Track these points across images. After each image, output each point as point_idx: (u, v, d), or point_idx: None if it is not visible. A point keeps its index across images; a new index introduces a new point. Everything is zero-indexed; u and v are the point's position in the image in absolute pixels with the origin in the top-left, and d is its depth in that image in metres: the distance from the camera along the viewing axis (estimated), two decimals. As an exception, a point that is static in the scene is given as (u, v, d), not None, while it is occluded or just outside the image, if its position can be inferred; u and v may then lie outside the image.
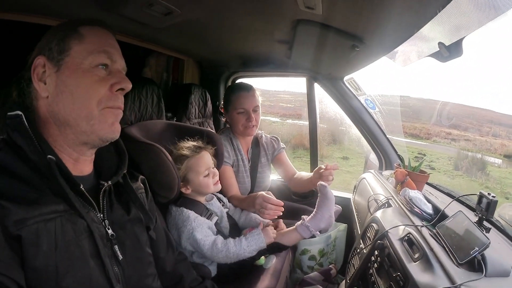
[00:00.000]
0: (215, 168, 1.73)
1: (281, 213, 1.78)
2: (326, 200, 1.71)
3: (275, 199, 1.75)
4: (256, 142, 2.39)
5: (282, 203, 1.75)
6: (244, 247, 1.58)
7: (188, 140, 1.74)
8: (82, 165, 0.97)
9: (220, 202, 1.88)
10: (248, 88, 2.19)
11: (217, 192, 1.89)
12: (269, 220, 1.88)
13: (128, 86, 0.97)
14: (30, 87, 0.92)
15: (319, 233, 1.68)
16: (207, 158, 1.69)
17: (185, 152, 1.65)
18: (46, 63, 0.91)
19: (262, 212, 1.76)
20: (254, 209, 1.83)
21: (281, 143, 2.50)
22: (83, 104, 0.89)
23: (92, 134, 0.91)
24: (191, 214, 1.59)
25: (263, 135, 2.45)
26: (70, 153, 0.93)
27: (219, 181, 1.73)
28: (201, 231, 1.56)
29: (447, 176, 8.89)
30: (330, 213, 1.67)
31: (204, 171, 1.65)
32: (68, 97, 0.89)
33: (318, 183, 1.73)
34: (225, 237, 1.68)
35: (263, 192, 1.79)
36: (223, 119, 2.46)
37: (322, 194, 1.73)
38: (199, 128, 1.91)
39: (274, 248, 1.79)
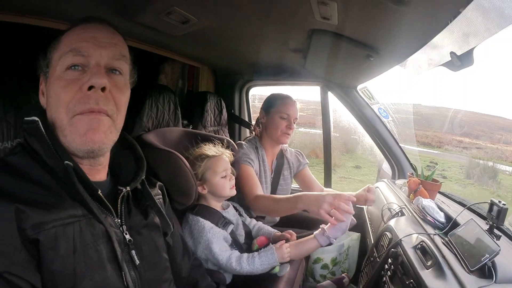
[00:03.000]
0: (232, 174, 1.76)
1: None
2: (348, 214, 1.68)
3: (345, 195, 1.58)
4: (281, 154, 2.40)
5: (355, 199, 1.59)
6: (257, 265, 1.58)
7: (208, 143, 1.78)
8: (92, 172, 0.94)
9: (237, 211, 1.90)
10: (293, 100, 2.23)
11: (236, 202, 1.95)
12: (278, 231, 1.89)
13: (96, 82, 0.85)
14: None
15: (334, 240, 1.69)
16: (226, 160, 1.72)
17: (206, 151, 1.69)
18: (43, 79, 0.93)
19: (333, 214, 1.53)
20: (307, 209, 1.66)
21: (306, 159, 2.52)
22: (55, 114, 0.87)
23: (69, 146, 0.86)
24: (207, 224, 1.60)
25: (288, 149, 2.46)
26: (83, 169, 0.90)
27: (234, 187, 1.75)
28: (217, 243, 1.57)
29: (459, 185, 8.79)
30: (347, 223, 1.66)
31: (222, 172, 1.68)
32: (48, 108, 0.89)
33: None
34: (239, 245, 1.71)
35: (329, 192, 1.67)
36: (254, 128, 2.46)
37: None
38: (216, 136, 1.93)
39: None
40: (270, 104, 2.24)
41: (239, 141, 2.25)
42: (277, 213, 1.88)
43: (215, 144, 1.78)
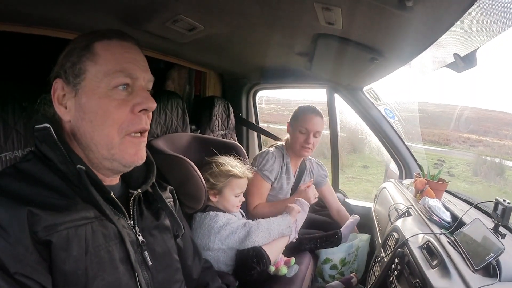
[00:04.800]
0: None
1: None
2: (304, 214, 2.00)
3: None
4: (303, 162, 2.44)
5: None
6: (273, 219, 1.75)
7: (236, 158, 1.84)
8: (107, 177, 0.98)
9: (243, 217, 1.93)
10: (316, 112, 2.24)
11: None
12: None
13: (152, 106, 0.92)
14: (52, 109, 0.91)
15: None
16: (245, 183, 1.79)
17: (234, 170, 1.73)
18: (64, 86, 0.89)
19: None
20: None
21: (326, 169, 2.57)
22: (103, 132, 0.87)
23: (114, 161, 0.90)
24: (220, 212, 1.68)
25: (309, 157, 2.49)
26: (96, 173, 0.92)
27: (240, 206, 1.82)
28: (236, 219, 1.69)
29: (466, 183, 8.65)
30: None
31: (239, 192, 1.75)
32: (88, 124, 0.87)
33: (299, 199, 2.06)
34: None
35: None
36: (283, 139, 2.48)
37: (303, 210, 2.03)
38: (226, 141, 1.95)
39: (295, 249, 1.95)
40: (295, 117, 2.27)
41: (266, 149, 2.30)
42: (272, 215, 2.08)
43: (243, 163, 1.84)
